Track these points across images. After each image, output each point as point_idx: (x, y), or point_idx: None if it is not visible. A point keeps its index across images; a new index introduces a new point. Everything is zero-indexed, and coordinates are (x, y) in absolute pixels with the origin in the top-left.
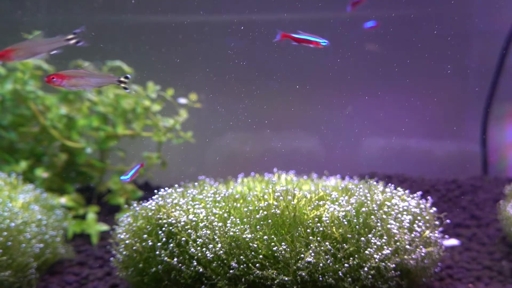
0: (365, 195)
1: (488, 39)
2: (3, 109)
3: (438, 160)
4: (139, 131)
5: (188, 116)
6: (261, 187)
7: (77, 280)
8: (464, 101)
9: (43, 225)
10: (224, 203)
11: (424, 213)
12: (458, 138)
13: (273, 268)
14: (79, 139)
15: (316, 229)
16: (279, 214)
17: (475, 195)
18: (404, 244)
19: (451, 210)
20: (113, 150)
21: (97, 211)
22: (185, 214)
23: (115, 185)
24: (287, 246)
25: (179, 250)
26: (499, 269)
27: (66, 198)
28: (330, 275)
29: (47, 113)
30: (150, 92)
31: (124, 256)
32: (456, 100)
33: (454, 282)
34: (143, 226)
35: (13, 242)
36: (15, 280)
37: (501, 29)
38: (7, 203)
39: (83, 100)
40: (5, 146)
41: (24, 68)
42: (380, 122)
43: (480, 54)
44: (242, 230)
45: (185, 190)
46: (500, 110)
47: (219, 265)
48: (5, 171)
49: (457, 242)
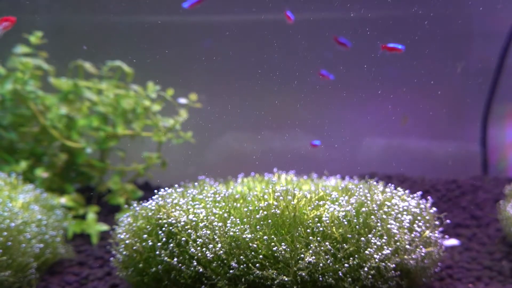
0: (365, 195)
1: (488, 39)
2: (3, 109)
3: (438, 160)
4: (139, 131)
5: (188, 116)
6: (261, 187)
7: (77, 280)
8: (464, 101)
9: (43, 225)
10: (224, 203)
11: (424, 213)
12: (458, 138)
13: (273, 268)
14: (79, 139)
15: (316, 229)
16: (279, 214)
17: (475, 195)
18: (404, 244)
19: (451, 210)
20: (113, 150)
21: (97, 211)
22: (185, 214)
23: (115, 185)
24: (287, 246)
25: (179, 250)
26: (499, 269)
27: (66, 198)
28: (330, 275)
29: (47, 113)
30: (150, 92)
31: (124, 256)
32: (456, 100)
33: (454, 282)
34: (143, 226)
35: (13, 242)
36: (15, 280)
37: (501, 29)
38: (7, 203)
39: (83, 100)
40: (5, 146)
41: (24, 68)
42: (380, 122)
43: (480, 54)
44: (242, 230)
45: (185, 190)
46: (500, 110)
47: (219, 265)
48: (5, 171)
49: (457, 242)
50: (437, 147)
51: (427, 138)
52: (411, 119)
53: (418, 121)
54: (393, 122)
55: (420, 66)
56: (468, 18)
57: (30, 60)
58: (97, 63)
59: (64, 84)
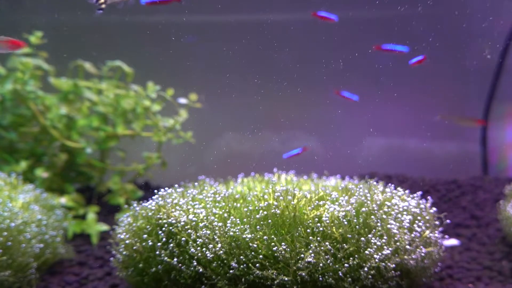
0: (365, 195)
1: (488, 39)
2: (3, 109)
3: (438, 160)
4: (139, 131)
5: (188, 116)
6: (261, 187)
7: (77, 280)
8: (464, 101)
9: (43, 225)
10: (224, 203)
11: (424, 213)
12: (458, 138)
13: (273, 268)
14: (79, 139)
15: (316, 229)
16: (279, 214)
17: (475, 195)
18: (404, 244)
19: (451, 210)
20: (113, 150)
21: (97, 211)
22: (185, 214)
23: (115, 185)
24: (287, 246)
25: (179, 250)
26: (499, 269)
27: (66, 198)
28: (330, 275)
29: (47, 113)
30: (150, 92)
31: (124, 256)
32: (456, 100)
33: (454, 282)
34: (143, 226)
35: (13, 242)
36: (15, 280)
37: (501, 29)
38: (7, 203)
39: (83, 100)
40: (5, 146)
41: (24, 68)
42: (380, 122)
43: (480, 54)
44: (242, 230)
45: (185, 190)
46: (500, 110)
47: (219, 265)
48: (5, 171)
49: (457, 242)
50: (437, 147)
51: (427, 138)
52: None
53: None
54: (393, 122)
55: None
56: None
57: (30, 60)
58: (97, 63)
59: (64, 84)
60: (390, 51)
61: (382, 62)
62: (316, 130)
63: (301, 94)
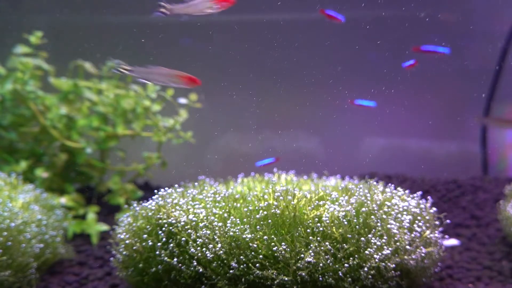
0: (365, 195)
1: (488, 39)
2: (3, 109)
3: (438, 160)
4: (139, 131)
5: (188, 116)
6: (261, 187)
7: (77, 280)
8: (464, 101)
9: (43, 225)
10: (224, 203)
11: (424, 213)
12: (458, 138)
13: (273, 268)
14: (79, 139)
15: (316, 229)
16: (279, 214)
17: (475, 195)
18: (404, 244)
19: (451, 210)
20: (113, 150)
21: (97, 211)
22: (185, 214)
23: (115, 185)
24: (287, 246)
25: (179, 250)
26: (499, 269)
27: (66, 198)
28: (330, 275)
29: (47, 113)
30: (150, 92)
31: (124, 256)
32: (456, 100)
33: (454, 282)
34: (143, 226)
35: (13, 242)
36: (15, 280)
37: (501, 29)
38: (7, 203)
39: (83, 100)
40: (5, 146)
41: (24, 68)
42: (380, 122)
43: (480, 54)
44: (242, 230)
45: (185, 190)
46: (500, 110)
47: (219, 265)
48: (5, 171)
49: (457, 242)
50: (437, 147)
51: (427, 138)
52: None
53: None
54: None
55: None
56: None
57: (30, 60)
58: (97, 63)
59: (64, 84)
60: (430, 53)
61: (382, 62)
62: (316, 130)
63: (301, 94)
